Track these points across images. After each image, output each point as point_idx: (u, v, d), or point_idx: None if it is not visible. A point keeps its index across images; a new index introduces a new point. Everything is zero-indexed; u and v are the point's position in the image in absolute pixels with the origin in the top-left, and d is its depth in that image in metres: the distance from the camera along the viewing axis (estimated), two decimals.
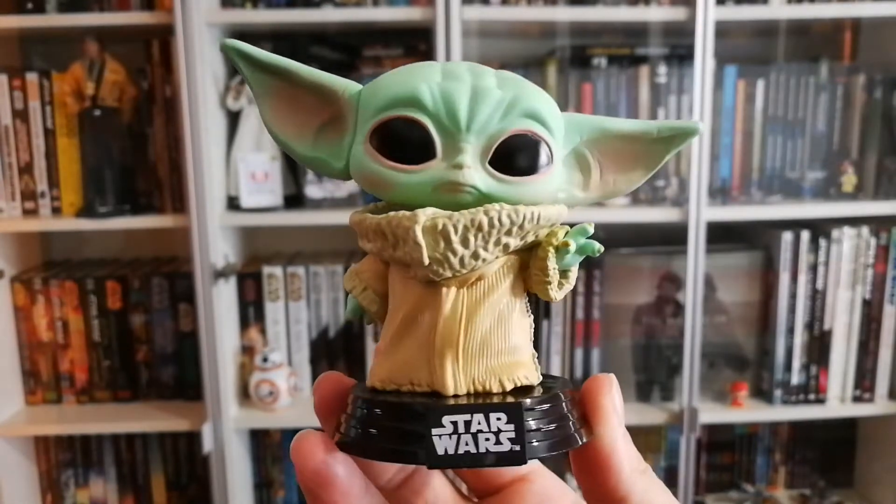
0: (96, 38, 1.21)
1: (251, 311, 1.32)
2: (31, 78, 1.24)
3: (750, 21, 1.24)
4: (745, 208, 1.25)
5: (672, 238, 1.25)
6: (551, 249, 0.24)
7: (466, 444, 0.22)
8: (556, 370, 1.28)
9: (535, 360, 0.26)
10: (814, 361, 1.30)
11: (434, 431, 0.22)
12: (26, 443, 1.39)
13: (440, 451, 0.22)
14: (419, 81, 0.24)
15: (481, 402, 0.23)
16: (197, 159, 1.17)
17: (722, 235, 1.30)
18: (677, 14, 1.18)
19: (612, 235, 1.30)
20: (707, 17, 1.15)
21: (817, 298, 1.28)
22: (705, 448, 1.45)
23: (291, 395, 1.29)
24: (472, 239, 0.23)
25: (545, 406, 0.23)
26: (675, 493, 1.39)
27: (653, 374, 1.32)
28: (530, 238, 0.24)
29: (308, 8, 1.20)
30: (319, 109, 0.26)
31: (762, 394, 1.32)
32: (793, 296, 1.27)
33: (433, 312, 0.24)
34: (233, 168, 1.24)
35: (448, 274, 0.24)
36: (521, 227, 0.24)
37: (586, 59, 1.25)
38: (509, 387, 0.24)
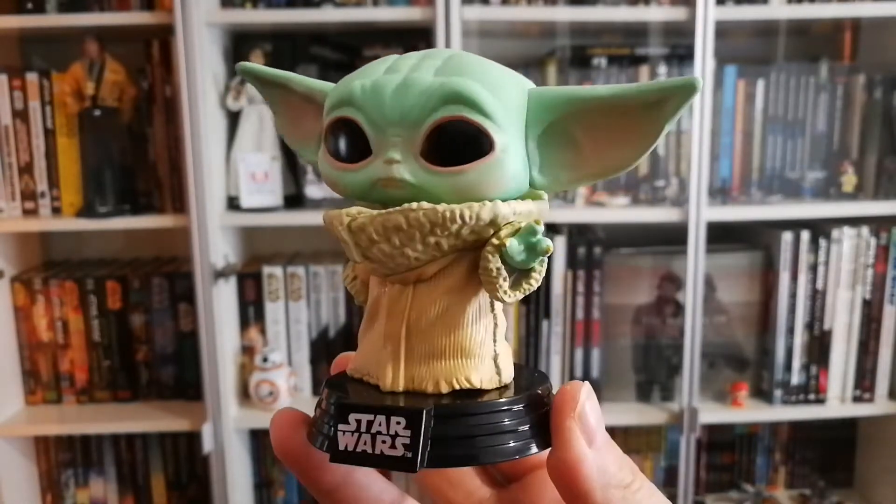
0: (96, 38, 1.21)
1: (251, 311, 1.32)
2: (31, 78, 1.24)
3: (750, 21, 1.24)
4: (745, 208, 1.25)
5: (672, 238, 1.25)
6: (491, 249, 0.23)
7: (364, 444, 0.22)
8: (556, 370, 1.28)
9: (497, 360, 0.25)
10: (814, 361, 1.30)
11: (340, 427, 0.22)
12: (26, 443, 1.39)
13: (341, 447, 0.22)
14: (357, 79, 0.24)
15: (395, 403, 0.23)
16: (197, 159, 1.17)
17: (722, 235, 1.30)
18: (677, 14, 1.18)
19: (612, 235, 1.30)
20: (707, 17, 1.15)
21: (817, 298, 1.28)
22: (705, 448, 1.45)
23: (291, 396, 1.29)
24: (394, 238, 0.23)
25: (456, 414, 0.22)
26: (675, 494, 1.39)
27: (653, 374, 1.32)
28: (472, 237, 0.23)
29: (308, 8, 1.20)
30: (317, 115, 0.27)
31: (762, 394, 1.32)
32: (793, 296, 1.27)
33: (383, 308, 0.25)
34: (233, 168, 1.24)
35: (387, 271, 0.24)
36: (443, 226, 0.23)
37: (586, 59, 1.25)
38: (445, 389, 0.23)
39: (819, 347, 1.29)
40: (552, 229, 1.27)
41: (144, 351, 1.34)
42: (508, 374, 0.25)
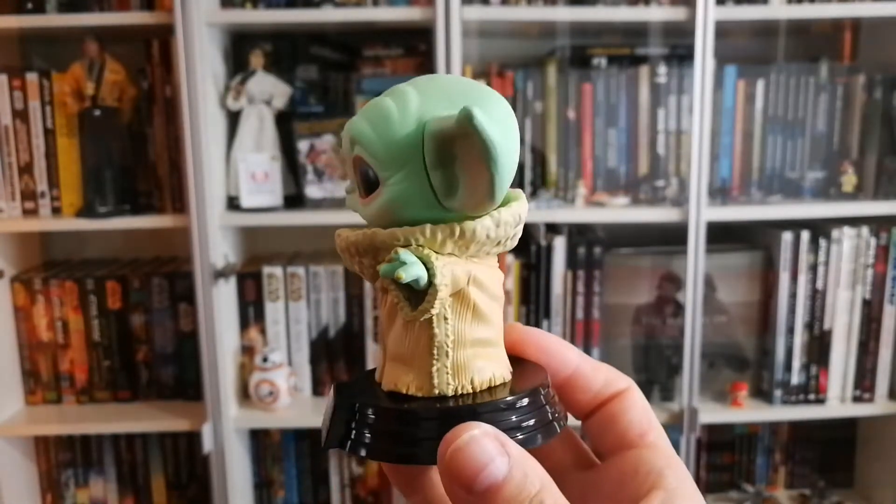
0: (96, 38, 1.21)
1: (251, 311, 1.32)
2: (31, 78, 1.24)
3: (750, 21, 1.24)
4: (745, 208, 1.25)
5: (672, 238, 1.25)
6: (380, 269, 0.25)
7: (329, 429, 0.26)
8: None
9: (435, 372, 0.25)
10: (814, 361, 1.30)
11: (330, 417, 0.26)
12: (26, 443, 1.39)
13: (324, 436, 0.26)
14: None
15: (346, 400, 0.26)
16: (197, 159, 1.17)
17: (722, 235, 1.30)
18: (677, 14, 1.18)
19: (612, 235, 1.30)
20: (707, 17, 1.15)
21: (817, 298, 1.28)
22: (705, 448, 1.45)
23: (291, 395, 1.29)
24: (349, 259, 0.26)
25: (377, 413, 0.25)
26: None
27: (653, 374, 1.32)
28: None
29: (308, 8, 1.20)
30: None
31: (762, 394, 1.32)
32: (793, 296, 1.27)
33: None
34: (233, 168, 1.24)
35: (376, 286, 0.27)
36: (358, 250, 0.26)
37: (586, 59, 1.25)
38: (403, 391, 0.26)
39: (819, 347, 1.29)
40: (553, 230, 1.28)
41: (144, 351, 1.34)
42: (450, 387, 0.25)
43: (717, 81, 1.23)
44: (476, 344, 0.25)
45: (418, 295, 0.24)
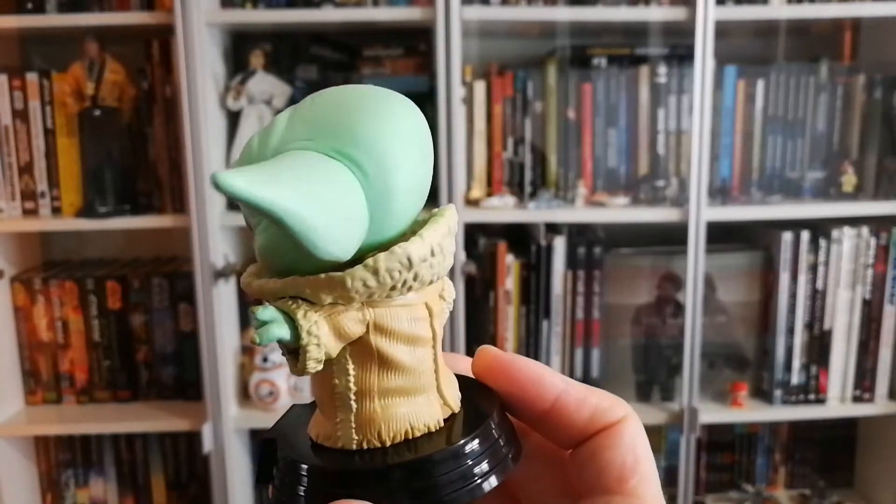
0: (96, 38, 1.21)
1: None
2: (31, 78, 1.24)
3: (750, 21, 1.24)
4: (745, 208, 1.25)
5: (672, 238, 1.25)
6: None
7: None
8: (555, 370, 1.28)
9: (340, 424, 0.23)
10: (814, 361, 1.30)
11: None
12: (26, 443, 1.39)
13: None
14: None
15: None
16: (197, 159, 1.17)
17: (722, 235, 1.30)
18: (677, 14, 1.18)
19: (612, 235, 1.31)
20: (707, 17, 1.15)
21: (817, 298, 1.28)
22: (705, 448, 1.45)
23: (291, 395, 1.29)
24: None
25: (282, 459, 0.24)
26: (675, 493, 1.39)
27: (653, 374, 1.32)
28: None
29: (308, 8, 1.20)
30: None
31: (762, 394, 1.32)
32: (793, 296, 1.27)
33: None
34: None
35: None
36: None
37: (586, 59, 1.25)
38: (314, 439, 0.24)
39: (819, 347, 1.29)
40: (553, 230, 1.27)
41: (144, 351, 1.34)
42: (354, 441, 0.23)
43: (717, 81, 1.23)
44: (387, 394, 0.23)
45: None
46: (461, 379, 0.26)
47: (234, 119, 1.27)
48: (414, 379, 0.23)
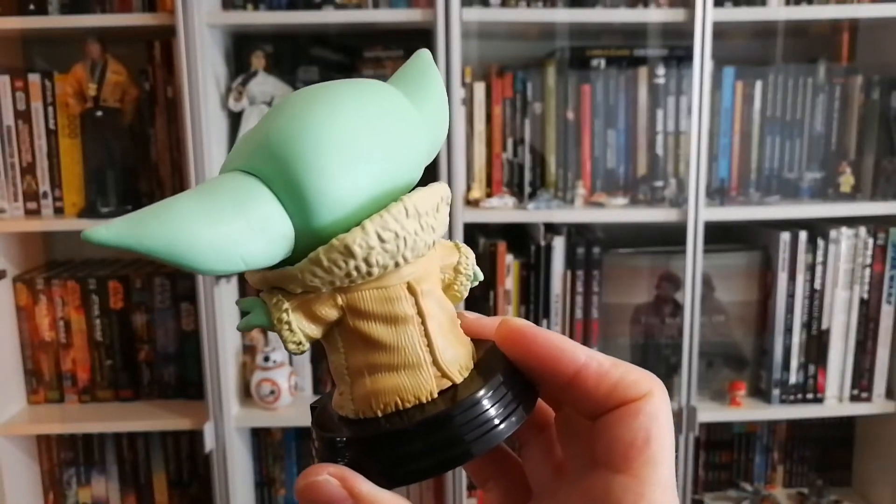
0: (98, 39, 1.21)
1: None
2: (34, 79, 1.25)
3: (748, 22, 1.25)
4: (744, 209, 1.26)
5: (671, 238, 1.25)
6: None
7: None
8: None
9: (342, 396, 0.26)
10: (812, 361, 1.30)
11: None
12: (29, 442, 1.40)
13: None
14: None
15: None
16: (198, 160, 1.17)
17: (720, 236, 1.30)
18: (676, 15, 1.18)
19: (610, 235, 1.31)
20: (705, 19, 1.15)
21: (815, 298, 1.28)
22: (704, 447, 1.46)
23: (292, 395, 1.30)
24: None
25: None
26: None
27: (651, 373, 1.32)
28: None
29: (309, 9, 1.20)
30: None
31: (760, 393, 1.33)
32: (791, 295, 1.28)
33: None
34: None
35: None
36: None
37: (585, 61, 1.26)
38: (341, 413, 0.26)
39: (817, 347, 1.30)
40: (552, 230, 1.28)
41: (146, 350, 1.35)
42: (353, 412, 0.25)
43: (715, 82, 1.24)
44: (375, 369, 0.25)
45: None
46: (481, 344, 0.27)
47: (235, 120, 1.27)
48: (398, 355, 0.25)
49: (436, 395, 0.25)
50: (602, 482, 0.23)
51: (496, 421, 0.24)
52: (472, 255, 0.28)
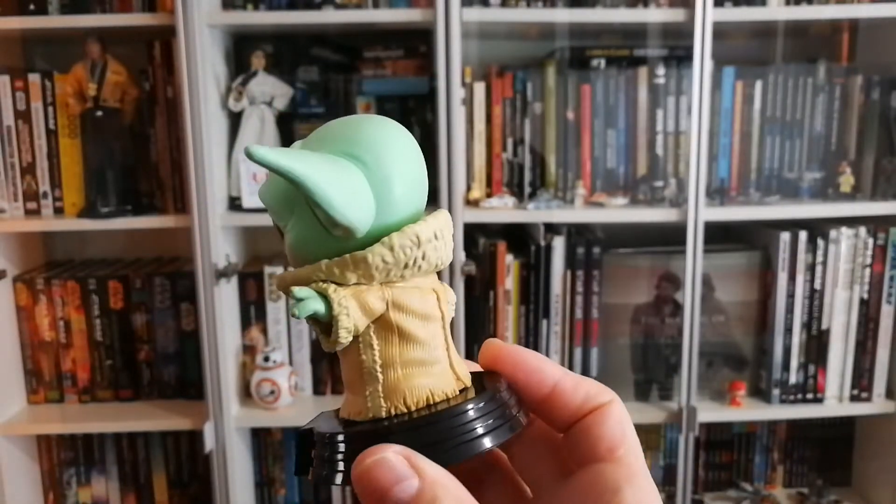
0: (98, 39, 1.21)
1: (252, 310, 1.32)
2: (34, 79, 1.25)
3: (748, 22, 1.25)
4: (743, 209, 1.26)
5: (670, 238, 1.25)
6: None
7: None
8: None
9: (370, 396, 0.26)
10: (812, 361, 1.31)
11: None
12: (28, 442, 1.40)
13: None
14: None
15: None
16: (199, 160, 1.17)
17: (720, 236, 1.30)
18: (676, 16, 1.18)
19: (610, 235, 1.31)
20: (705, 19, 1.15)
21: (815, 298, 1.28)
22: (704, 447, 1.46)
23: (292, 395, 1.30)
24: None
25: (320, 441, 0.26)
26: (673, 492, 1.39)
27: (651, 373, 1.32)
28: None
29: (309, 9, 1.20)
30: None
31: (760, 393, 1.33)
32: (791, 296, 1.28)
33: None
34: (234, 169, 1.25)
35: None
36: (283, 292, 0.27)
37: (585, 61, 1.26)
38: (346, 416, 0.27)
39: (817, 347, 1.30)
40: (552, 230, 1.28)
41: (146, 350, 1.35)
42: (383, 409, 0.26)
43: (715, 82, 1.24)
44: (408, 364, 0.26)
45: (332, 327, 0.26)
46: (472, 374, 0.29)
47: (235, 120, 1.27)
48: (429, 351, 0.27)
49: (458, 393, 0.27)
50: (592, 474, 0.26)
51: (514, 411, 0.27)
52: (450, 288, 0.30)
